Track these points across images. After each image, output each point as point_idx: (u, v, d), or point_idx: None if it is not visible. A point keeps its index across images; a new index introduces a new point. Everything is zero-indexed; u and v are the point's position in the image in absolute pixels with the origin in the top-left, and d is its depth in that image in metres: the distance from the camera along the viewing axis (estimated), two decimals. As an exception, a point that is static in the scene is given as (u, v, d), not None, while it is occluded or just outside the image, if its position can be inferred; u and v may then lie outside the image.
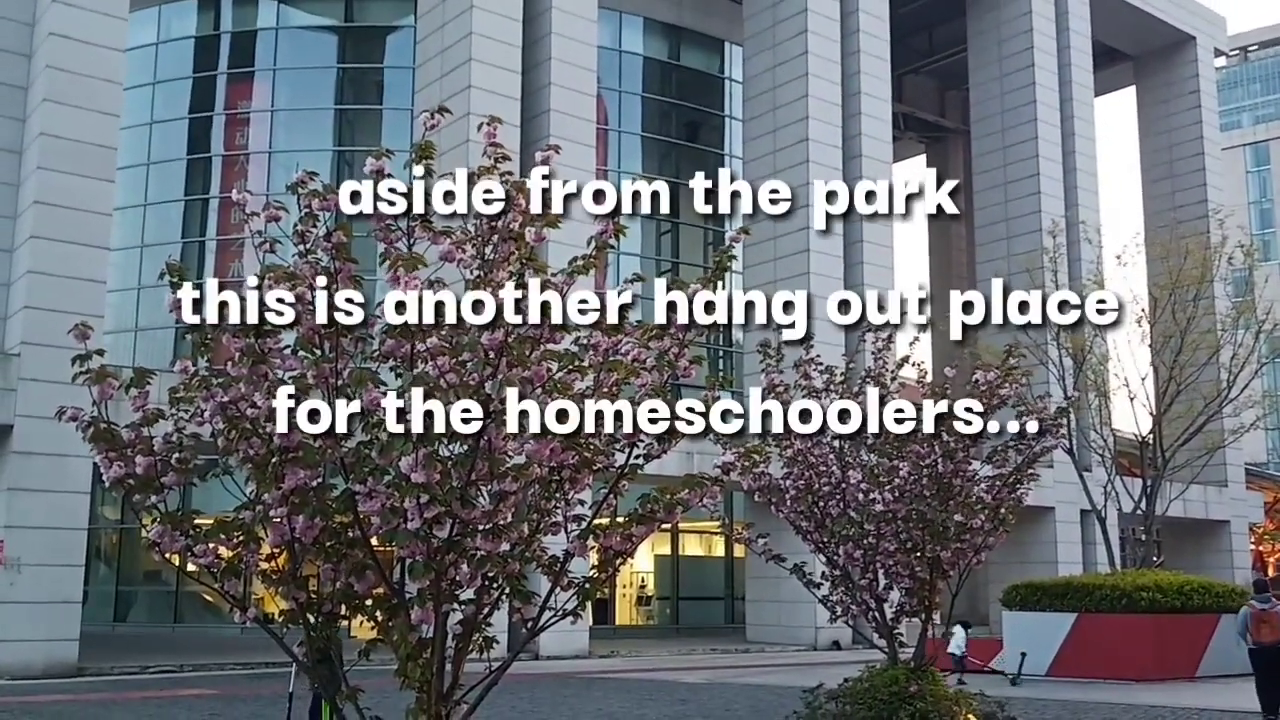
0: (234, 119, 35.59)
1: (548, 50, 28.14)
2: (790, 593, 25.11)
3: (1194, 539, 41.22)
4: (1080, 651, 19.32)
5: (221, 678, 20.32)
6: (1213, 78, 46.81)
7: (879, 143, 33.28)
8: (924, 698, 10.86)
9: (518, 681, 17.99)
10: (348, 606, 5.09)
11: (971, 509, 10.87)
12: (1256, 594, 15.75)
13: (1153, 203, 44.67)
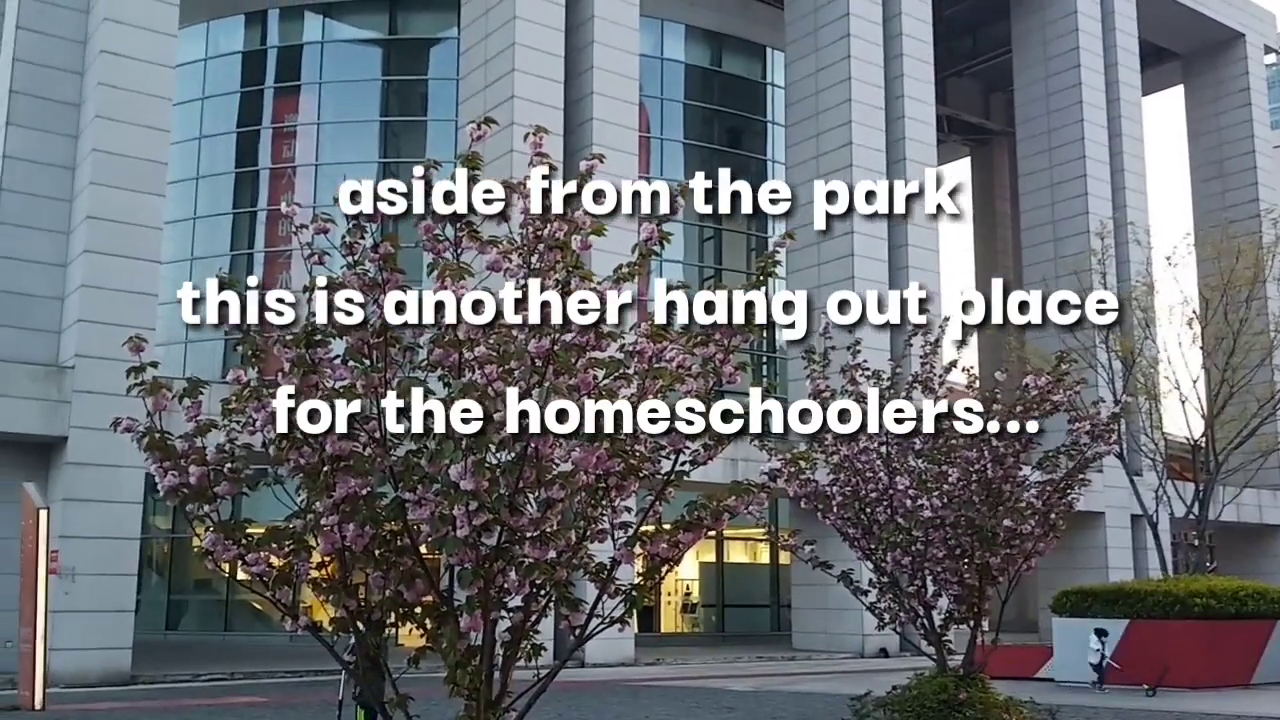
0: (281, 132, 36.00)
1: (590, 59, 28.23)
2: (837, 600, 24.96)
3: (1248, 544, 40.53)
4: (1132, 658, 19.04)
5: (272, 685, 20.50)
6: (1263, 75, 46.08)
7: (923, 146, 33.06)
8: (973, 705, 10.76)
9: (564, 689, 18.01)
10: (397, 614, 5.13)
11: (1021, 514, 10.76)
12: None
13: (1203, 202, 44.03)
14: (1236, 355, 27.30)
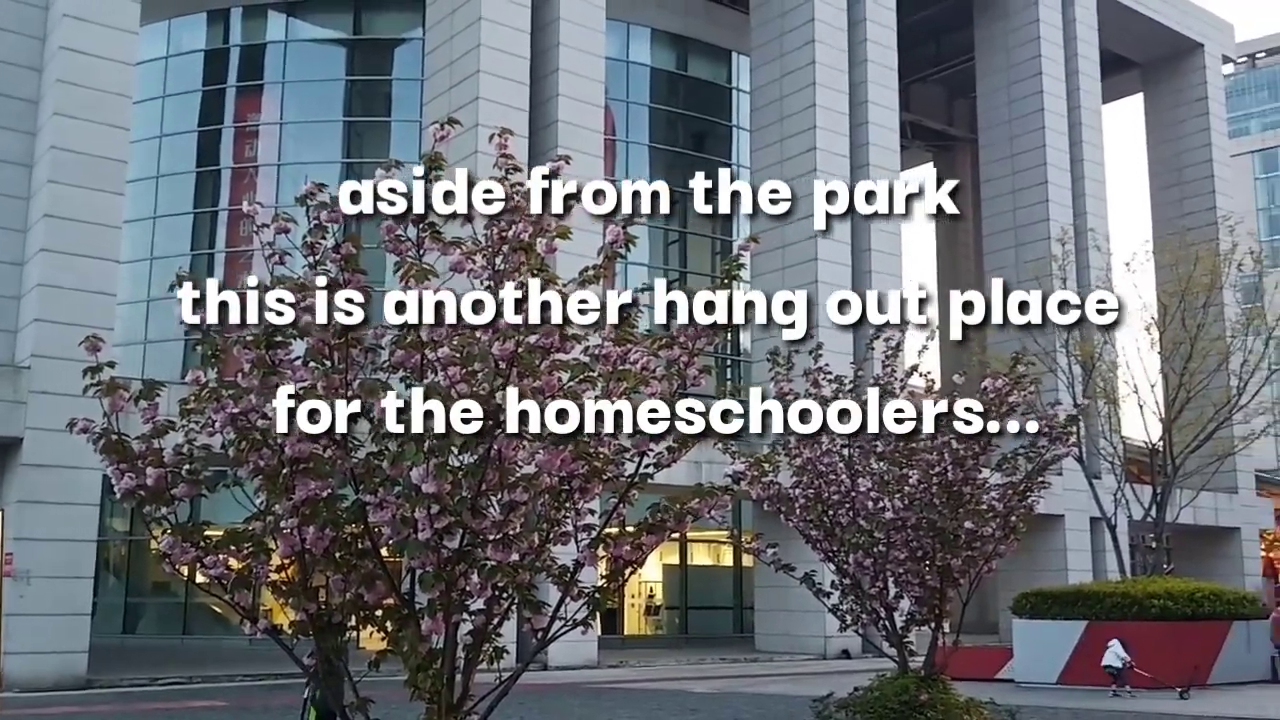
0: (243, 132, 35.71)
1: (555, 62, 28.20)
2: (799, 602, 25.04)
3: (1204, 546, 41.04)
4: (1092, 659, 19.23)
5: (231, 689, 20.32)
6: (1221, 84, 46.72)
7: (886, 152, 33.28)
8: (935, 706, 10.83)
9: (527, 692, 17.96)
10: (358, 617, 5.10)
11: (982, 516, 10.84)
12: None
13: (1162, 210, 44.58)
14: (1194, 360, 27.65)
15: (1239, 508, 41.25)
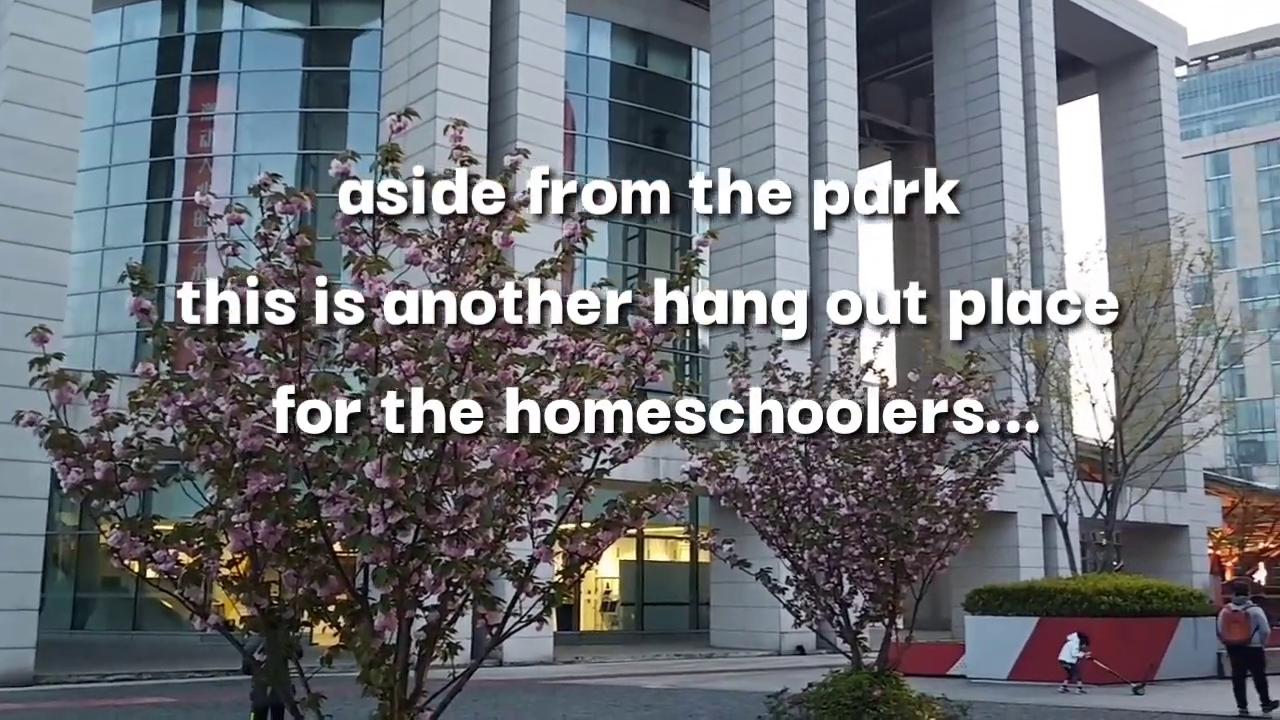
0: (198, 122, 35.29)
1: (515, 55, 28.09)
2: (755, 598, 25.15)
3: (1154, 543, 41.63)
4: (1042, 655, 19.44)
5: (181, 685, 20.10)
6: (1174, 87, 47.36)
7: (845, 149, 33.44)
8: (887, 702, 10.91)
9: (481, 688, 17.90)
10: (310, 613, 5.05)
11: (935, 513, 10.92)
12: (1235, 597, 16.26)
13: (1115, 210, 45.14)
14: (1145, 360, 28.02)
15: (1188, 505, 41.87)
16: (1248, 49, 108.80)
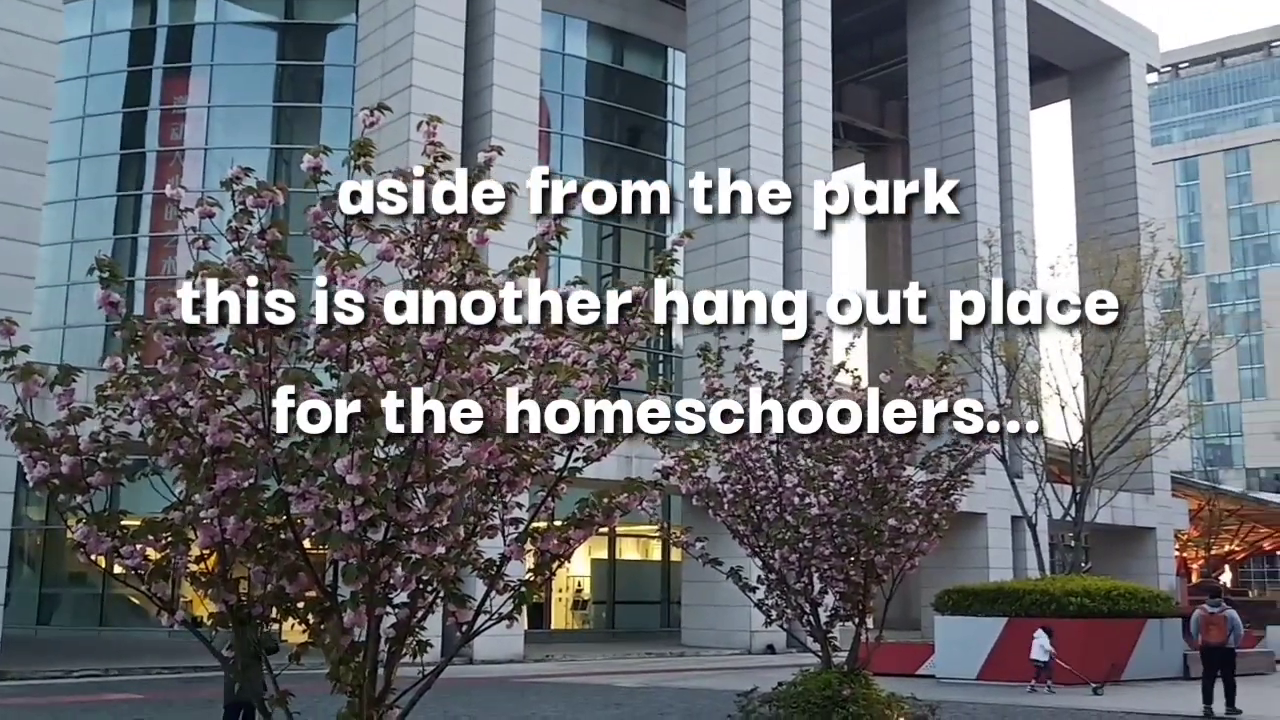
0: (170, 115, 35.02)
1: (490, 51, 28.02)
2: (726, 597, 25.22)
3: (1121, 545, 41.98)
4: (1011, 656, 19.57)
5: (148, 682, 19.95)
6: (1145, 93, 47.78)
7: (819, 151, 33.55)
8: (856, 701, 10.94)
9: (451, 686, 17.85)
10: (279, 609, 5.02)
11: (905, 514, 10.96)
12: (1209, 599, 16.50)
13: (1085, 215, 45.47)
14: (1114, 363, 28.24)
15: (1155, 508, 42.26)
16: (1218, 57, 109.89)
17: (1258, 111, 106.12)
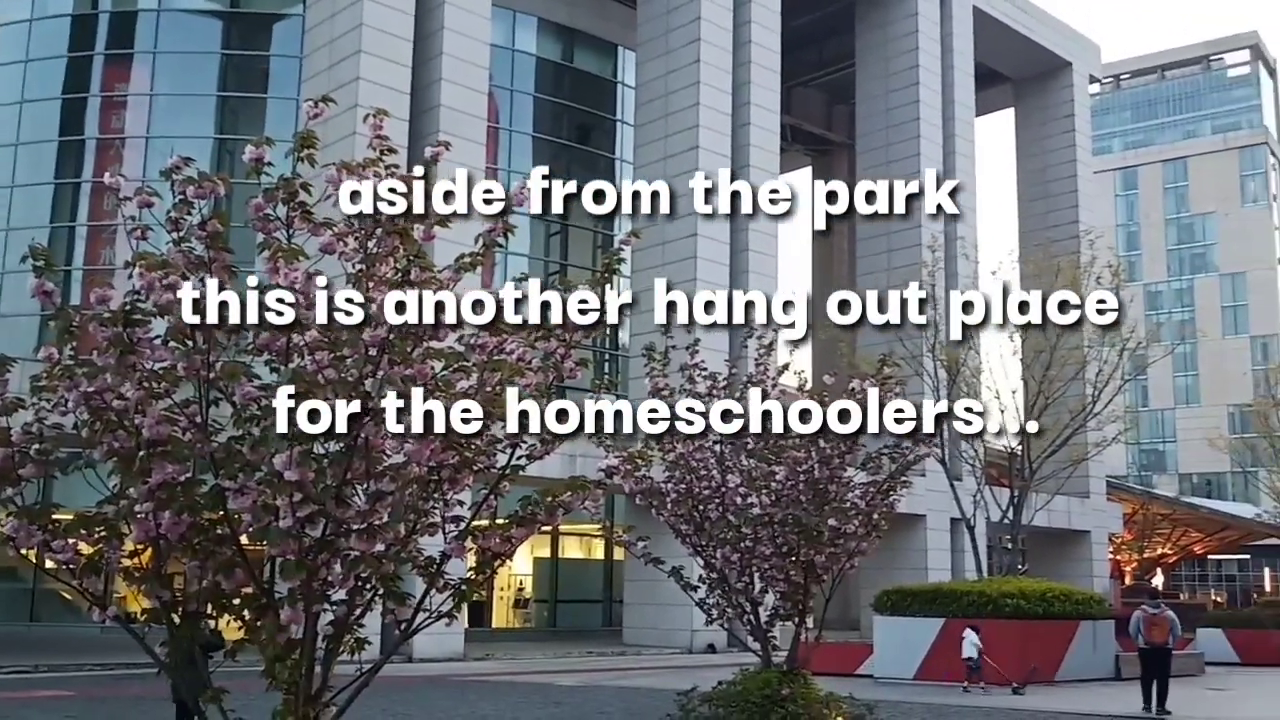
0: (111, 102, 34.44)
1: (439, 46, 27.86)
2: (667, 596, 25.27)
3: (1057, 548, 42.61)
4: (948, 656, 19.79)
5: (79, 678, 19.61)
6: (1087, 103, 48.55)
7: (767, 153, 33.72)
8: (795, 700, 11.01)
9: (390, 684, 17.73)
10: (214, 605, 4.95)
11: (845, 514, 11.05)
12: (1148, 600, 16.95)
13: (1027, 221, 46.10)
14: (1052, 369, 28.64)
15: (1090, 511, 42.95)
16: (1158, 69, 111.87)
17: (1196, 124, 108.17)
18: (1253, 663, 25.79)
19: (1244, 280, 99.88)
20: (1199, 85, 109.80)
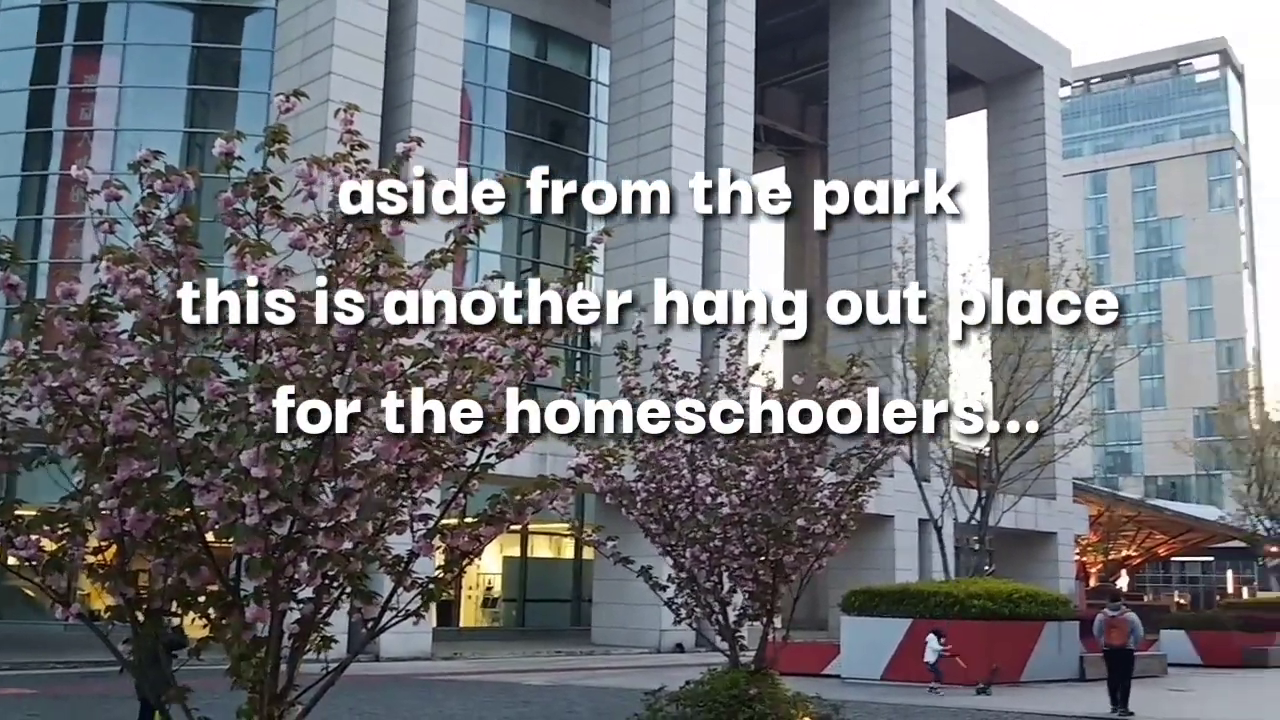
0: (79, 94, 34.09)
1: (413, 41, 27.75)
2: (636, 595, 25.27)
3: (1024, 549, 42.90)
4: (914, 656, 19.89)
5: (43, 676, 19.41)
6: (1057, 107, 48.89)
7: (740, 153, 33.77)
8: (763, 700, 11.02)
9: (357, 683, 17.64)
10: (179, 603, 4.91)
11: (814, 514, 11.08)
12: (1110, 603, 17.10)
13: (998, 224, 46.37)
14: (1021, 371, 28.84)
15: (1057, 513, 43.27)
16: (1128, 74, 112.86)
17: (1165, 128, 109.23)
18: (1215, 664, 26.08)
19: (1210, 284, 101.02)
20: (1168, 90, 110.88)
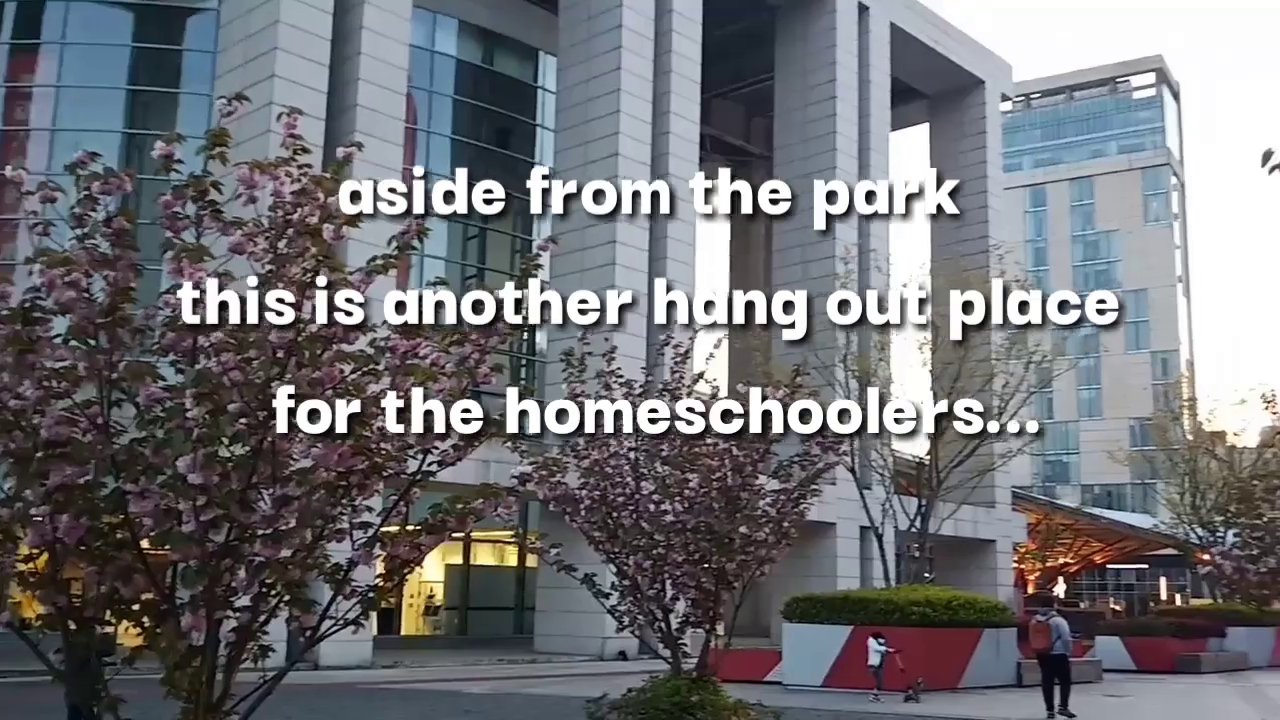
0: (15, 93, 33.42)
1: (358, 45, 27.55)
2: (579, 603, 25.21)
3: (963, 556, 43.38)
4: (856, 663, 20.01)
5: (-29, 686, 18.95)
6: (998, 121, 49.62)
7: (686, 163, 33.87)
8: (705, 707, 11.05)
9: (295, 692, 17.41)
10: (112, 612, 4.83)
11: (756, 522, 11.13)
12: (1040, 608, 17.35)
13: (939, 235, 46.83)
14: (960, 380, 29.15)
15: (996, 521, 43.81)
16: (1067, 90, 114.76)
17: (1102, 144, 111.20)
18: (1148, 670, 26.50)
19: (1145, 297, 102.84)
20: (1106, 106, 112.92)
